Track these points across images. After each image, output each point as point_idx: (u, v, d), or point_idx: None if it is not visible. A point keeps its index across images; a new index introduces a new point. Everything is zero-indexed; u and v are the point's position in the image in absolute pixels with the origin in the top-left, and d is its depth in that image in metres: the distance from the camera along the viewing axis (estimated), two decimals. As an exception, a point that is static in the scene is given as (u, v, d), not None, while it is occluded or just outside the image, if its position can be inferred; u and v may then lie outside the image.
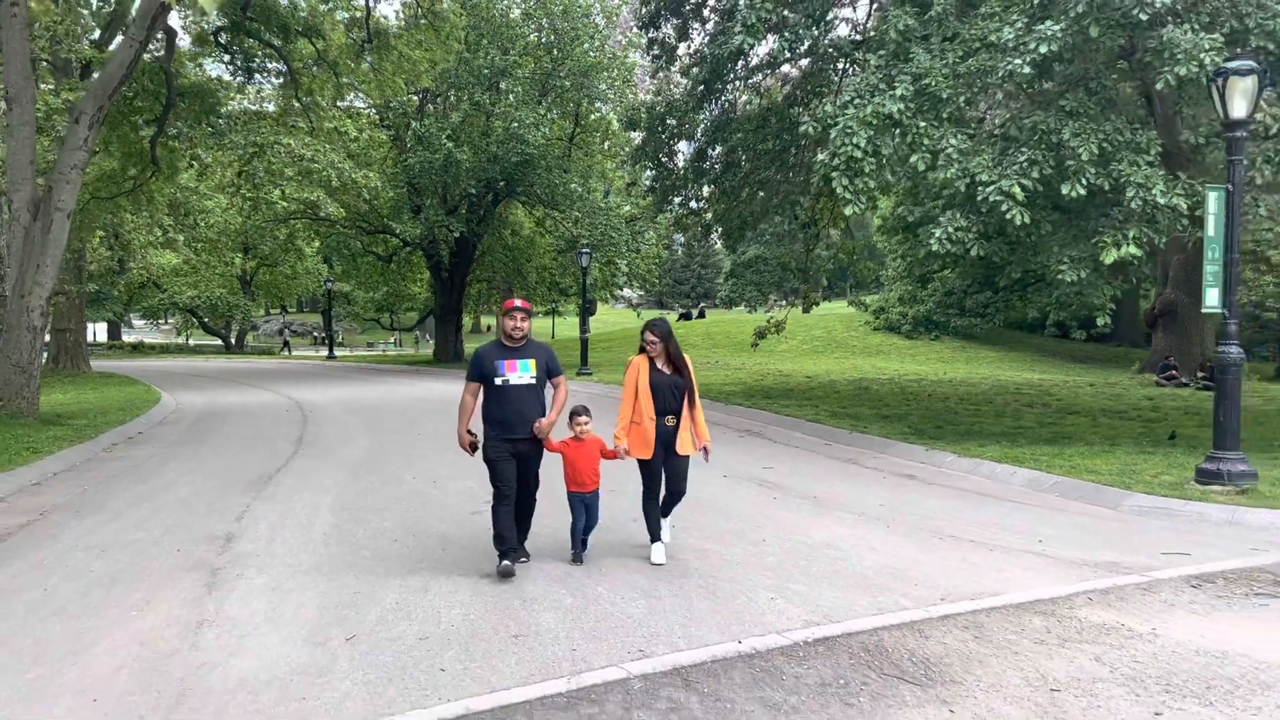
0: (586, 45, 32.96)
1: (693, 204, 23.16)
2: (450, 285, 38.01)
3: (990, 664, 4.78)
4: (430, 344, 59.33)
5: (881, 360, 34.94)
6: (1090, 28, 10.00)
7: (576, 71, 32.54)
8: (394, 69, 19.06)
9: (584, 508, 6.55)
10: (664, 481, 6.63)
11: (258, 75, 20.05)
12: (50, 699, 4.37)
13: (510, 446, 6.30)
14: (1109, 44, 10.56)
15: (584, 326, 30.71)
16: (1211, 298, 8.78)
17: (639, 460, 6.53)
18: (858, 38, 17.41)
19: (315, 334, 65.15)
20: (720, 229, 23.06)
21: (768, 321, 23.33)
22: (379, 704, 4.29)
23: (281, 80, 19.70)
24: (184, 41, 19.31)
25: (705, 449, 6.67)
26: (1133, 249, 9.88)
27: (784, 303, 27.80)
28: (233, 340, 58.21)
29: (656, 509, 6.66)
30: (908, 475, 10.73)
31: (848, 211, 11.44)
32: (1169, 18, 9.96)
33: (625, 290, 53.76)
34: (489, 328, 75.90)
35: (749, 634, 5.18)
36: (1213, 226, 8.77)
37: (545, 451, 6.51)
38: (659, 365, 6.56)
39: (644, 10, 18.02)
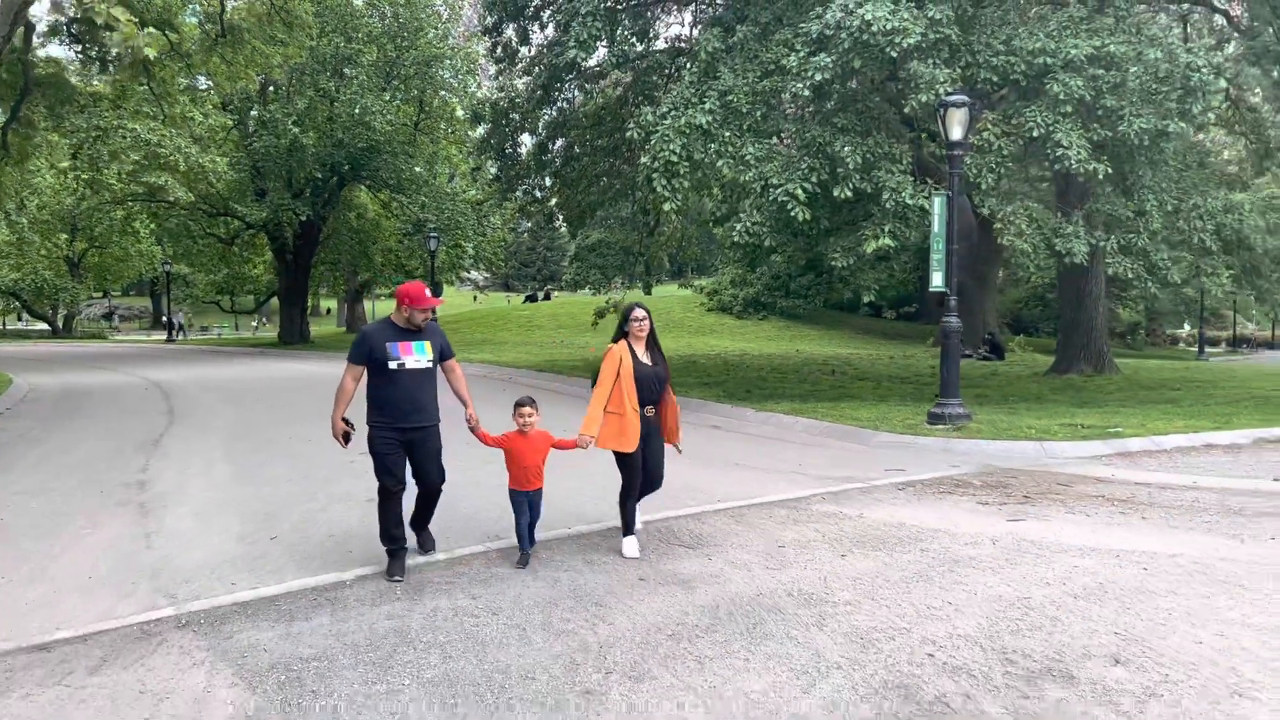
0: (431, 34, 34.06)
1: (536, 193, 24.87)
2: (295, 268, 38.42)
3: (742, 535, 6.87)
4: (262, 326, 58.65)
5: (713, 338, 37.62)
6: (854, 60, 12.35)
7: (420, 61, 33.61)
8: (246, 62, 19.95)
9: (528, 506, 6.17)
10: (644, 469, 6.50)
11: (111, 65, 20.39)
12: (54, 578, 5.86)
13: (401, 435, 5.87)
14: (871, 73, 12.98)
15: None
16: (936, 280, 11.30)
17: (618, 454, 6.34)
18: (683, 45, 19.54)
19: (118, 317, 62.82)
20: (563, 216, 24.91)
21: (606, 302, 25.31)
22: (308, 570, 5.98)
23: (133, 70, 20.17)
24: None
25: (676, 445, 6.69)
26: (887, 240, 12.35)
27: (625, 285, 29.72)
28: (60, 324, 56.01)
29: (634, 503, 6.48)
30: (715, 426, 12.95)
31: (666, 208, 13.51)
32: (915, 54, 12.41)
33: (472, 273, 54.80)
34: (329, 311, 75.15)
35: (577, 525, 7.11)
36: (937, 224, 11.28)
37: (442, 441, 6.12)
38: (640, 354, 6.36)
39: (488, 19, 19.57)
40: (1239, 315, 60.83)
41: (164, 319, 49.35)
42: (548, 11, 19.85)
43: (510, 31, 20.15)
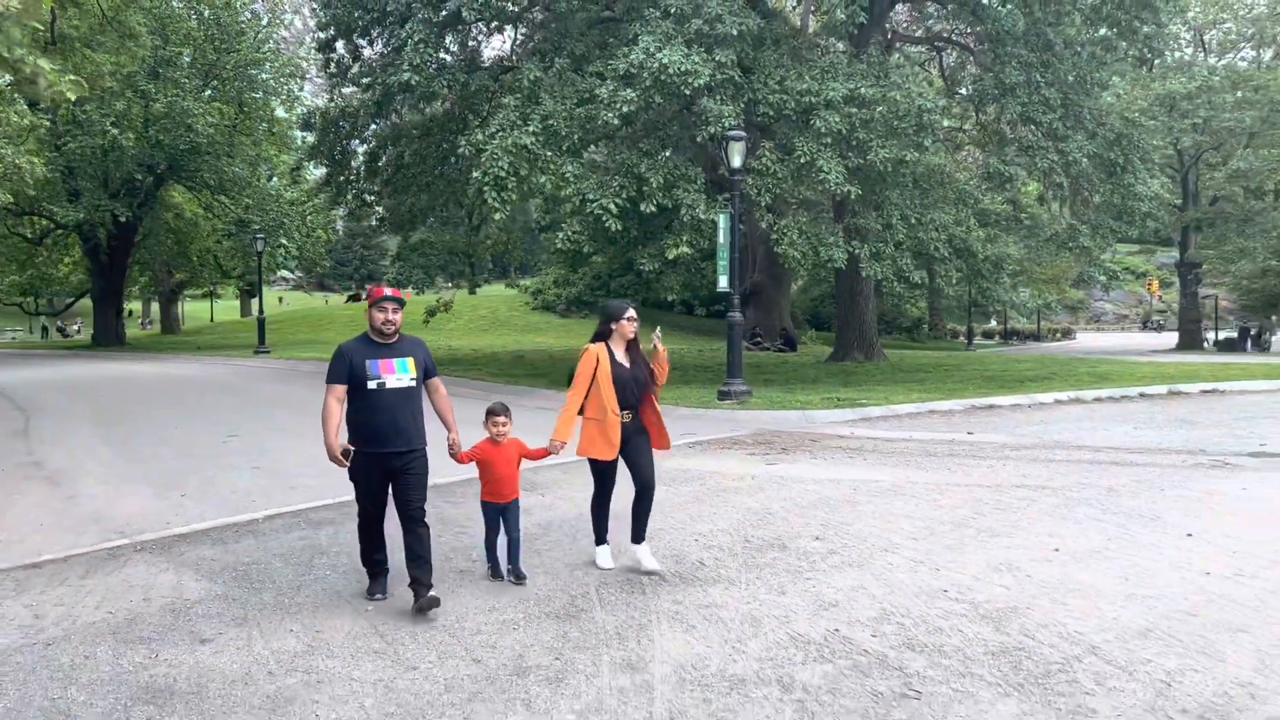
0: (250, 37, 34.41)
1: (366, 197, 26.05)
2: (110, 268, 37.70)
3: (568, 481, 8.92)
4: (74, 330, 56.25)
5: (539, 335, 39.57)
6: (655, 96, 14.60)
7: (241, 63, 33.92)
8: (76, 69, 20.23)
9: (500, 519, 6.00)
10: (632, 476, 6.21)
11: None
12: (10, 527, 7.21)
13: (382, 462, 5.41)
14: (670, 107, 15.28)
15: (260, 308, 32.52)
16: (722, 282, 13.71)
17: (592, 461, 6.20)
18: (506, 65, 21.37)
19: None
20: (389, 219, 26.20)
21: (437, 301, 26.76)
22: (225, 515, 7.58)
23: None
24: None
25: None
26: (685, 248, 14.69)
27: (451, 285, 31.15)
28: None
29: (607, 511, 6.37)
30: (542, 408, 14.91)
31: (496, 218, 15.37)
32: (705, 93, 14.79)
33: (295, 272, 54.55)
34: (130, 312, 72.08)
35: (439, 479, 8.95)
36: (722, 236, 13.69)
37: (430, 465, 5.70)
38: (619, 356, 6.13)
39: (320, 35, 20.78)
40: (1012, 312, 67.81)
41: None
42: (377, 29, 21.24)
43: (342, 48, 21.41)
